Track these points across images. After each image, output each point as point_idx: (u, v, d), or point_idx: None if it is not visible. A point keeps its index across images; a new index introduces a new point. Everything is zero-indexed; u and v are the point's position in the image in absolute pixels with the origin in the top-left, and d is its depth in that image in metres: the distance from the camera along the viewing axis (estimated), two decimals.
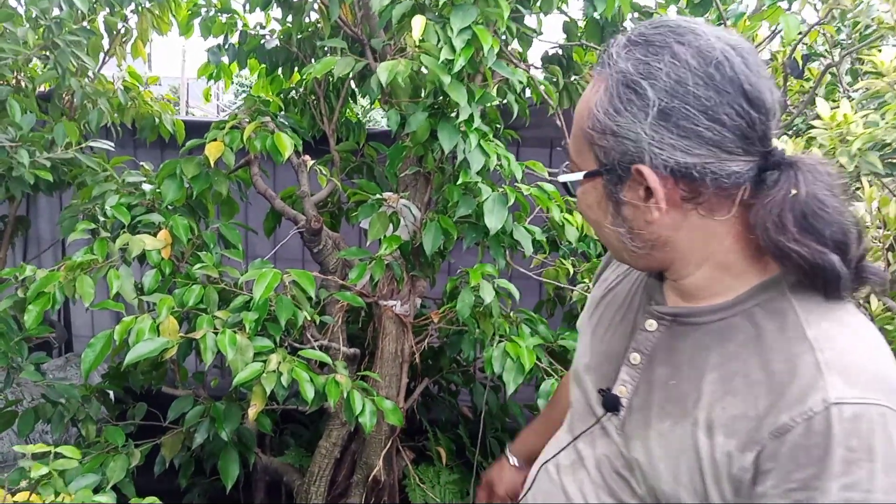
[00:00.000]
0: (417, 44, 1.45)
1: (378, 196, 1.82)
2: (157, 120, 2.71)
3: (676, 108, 0.76)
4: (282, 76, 2.63)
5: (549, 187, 1.71)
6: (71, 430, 2.24)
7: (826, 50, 2.44)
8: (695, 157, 0.76)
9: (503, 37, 1.77)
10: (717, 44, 0.78)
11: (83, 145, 2.03)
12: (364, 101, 2.88)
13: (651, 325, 0.93)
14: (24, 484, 1.14)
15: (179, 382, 2.15)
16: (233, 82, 2.90)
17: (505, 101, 1.80)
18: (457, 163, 1.62)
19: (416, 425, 2.44)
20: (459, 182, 1.61)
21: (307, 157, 1.91)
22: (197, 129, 2.95)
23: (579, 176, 0.87)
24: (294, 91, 2.61)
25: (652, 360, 0.92)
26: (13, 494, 1.11)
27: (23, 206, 3.05)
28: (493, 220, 1.59)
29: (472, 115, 1.55)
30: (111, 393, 2.30)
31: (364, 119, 2.82)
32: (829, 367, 0.75)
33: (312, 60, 2.46)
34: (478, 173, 1.61)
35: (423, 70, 1.58)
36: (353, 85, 2.51)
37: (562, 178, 0.92)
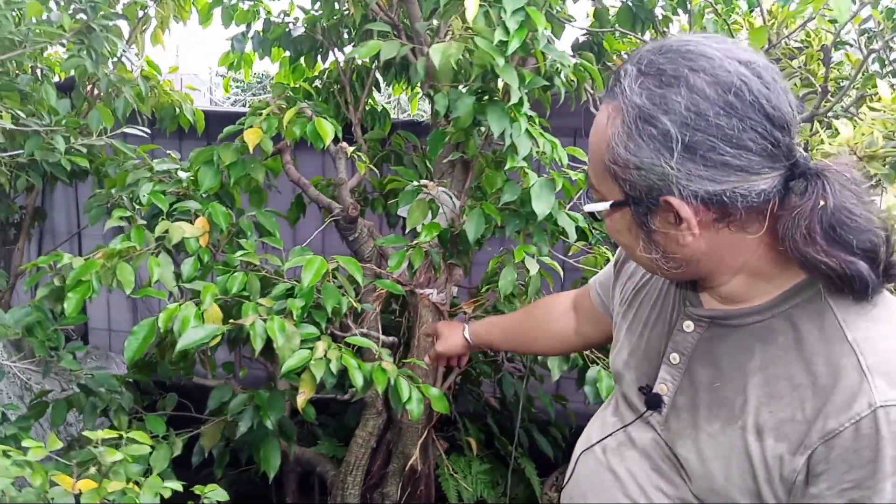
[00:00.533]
0: (470, 25, 1.44)
1: (417, 183, 1.80)
2: (177, 109, 2.68)
3: (700, 141, 0.75)
4: (304, 65, 2.61)
5: None
6: (98, 421, 2.22)
7: (854, 38, 2.44)
8: (724, 184, 0.76)
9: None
10: (731, 66, 0.77)
11: (118, 132, 2.00)
12: (384, 94, 2.86)
13: (688, 326, 0.95)
14: (93, 470, 1.12)
15: (210, 372, 2.13)
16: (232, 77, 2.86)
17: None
18: (503, 148, 1.61)
19: (444, 416, 2.43)
20: (507, 167, 1.60)
21: (345, 144, 1.89)
22: (216, 118, 2.93)
23: (606, 206, 0.86)
24: (318, 80, 2.59)
25: (692, 360, 0.94)
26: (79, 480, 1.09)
27: (37, 198, 3.02)
28: (541, 205, 1.57)
29: (521, 100, 1.53)
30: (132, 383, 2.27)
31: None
32: (871, 371, 0.77)
33: (335, 49, 2.44)
34: (523, 159, 1.59)
35: (467, 55, 1.57)
36: (377, 74, 2.49)
37: (588, 208, 0.91)
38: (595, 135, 0.86)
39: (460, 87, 1.65)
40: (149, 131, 2.26)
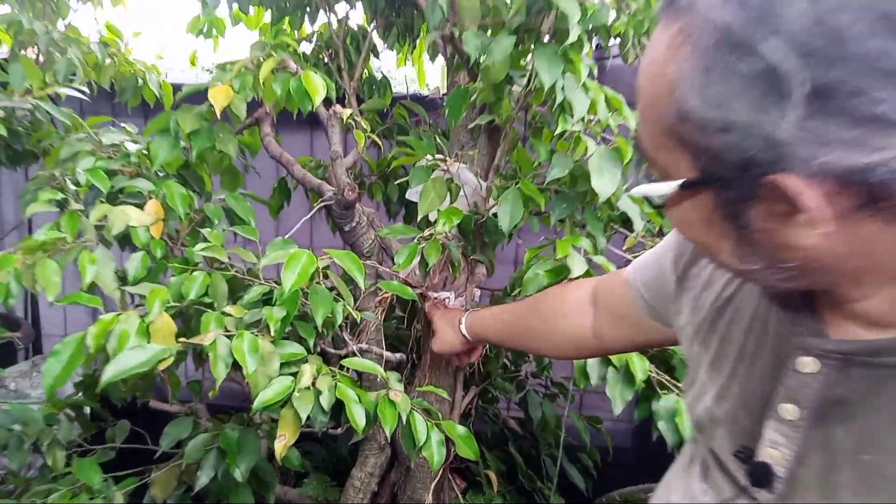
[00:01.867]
0: None
1: (433, 158, 1.40)
2: (140, 81, 2.27)
3: (839, 81, 0.43)
4: (289, 27, 2.21)
5: None
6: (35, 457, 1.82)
7: None
8: (881, 153, 0.44)
9: None
10: None
11: (48, 90, 1.59)
12: (385, 60, 2.45)
13: (806, 364, 0.61)
14: None
15: (172, 394, 1.73)
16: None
17: None
18: (551, 106, 1.21)
19: None
20: (557, 132, 1.19)
21: (339, 108, 1.48)
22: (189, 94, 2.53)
23: (671, 188, 0.54)
24: (306, 42, 2.19)
25: (822, 416, 0.61)
26: None
27: None
28: (604, 183, 1.17)
29: (580, 39, 1.14)
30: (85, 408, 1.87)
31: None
32: None
33: (327, 8, 2.05)
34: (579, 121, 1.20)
35: None
36: (374, 38, 2.10)
37: (640, 191, 0.59)
38: (649, 76, 0.53)
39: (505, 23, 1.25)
40: (86, 91, 1.85)
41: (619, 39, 1.55)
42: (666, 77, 0.50)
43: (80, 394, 1.79)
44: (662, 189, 0.55)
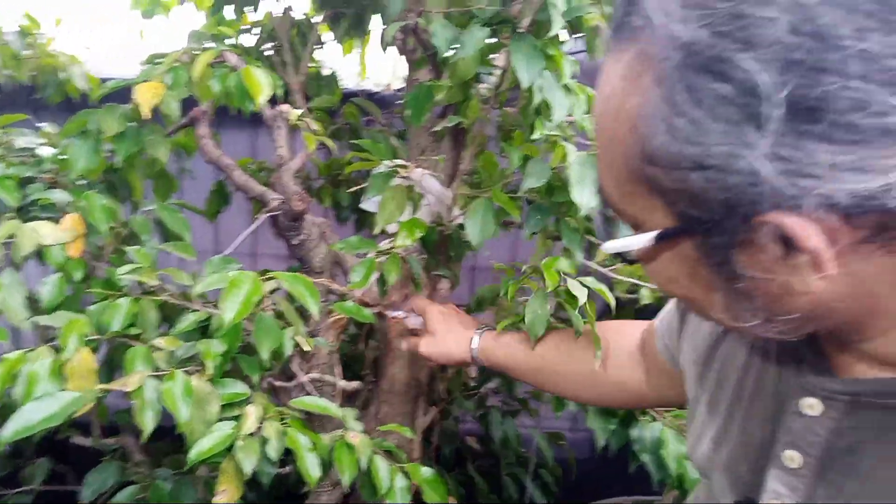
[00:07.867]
0: None
1: (392, 163, 1.26)
2: (63, 75, 2.07)
3: (832, 96, 0.37)
4: (235, 15, 2.02)
5: None
6: None
7: None
8: (887, 175, 0.38)
9: None
10: None
11: None
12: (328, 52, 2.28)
13: (812, 405, 0.57)
14: None
15: (97, 426, 1.54)
16: None
17: None
18: (526, 107, 1.08)
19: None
20: (535, 137, 1.07)
21: (287, 107, 1.33)
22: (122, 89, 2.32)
23: (646, 240, 0.49)
24: (248, 34, 2.01)
25: (828, 465, 0.55)
26: None
27: None
28: (585, 194, 1.05)
29: (557, 36, 1.01)
30: None
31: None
32: None
33: None
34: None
35: None
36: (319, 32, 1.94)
37: (611, 247, 0.53)
38: (606, 115, 0.48)
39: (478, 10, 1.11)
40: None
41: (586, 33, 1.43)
42: (625, 113, 0.44)
43: None
44: (636, 243, 0.49)
